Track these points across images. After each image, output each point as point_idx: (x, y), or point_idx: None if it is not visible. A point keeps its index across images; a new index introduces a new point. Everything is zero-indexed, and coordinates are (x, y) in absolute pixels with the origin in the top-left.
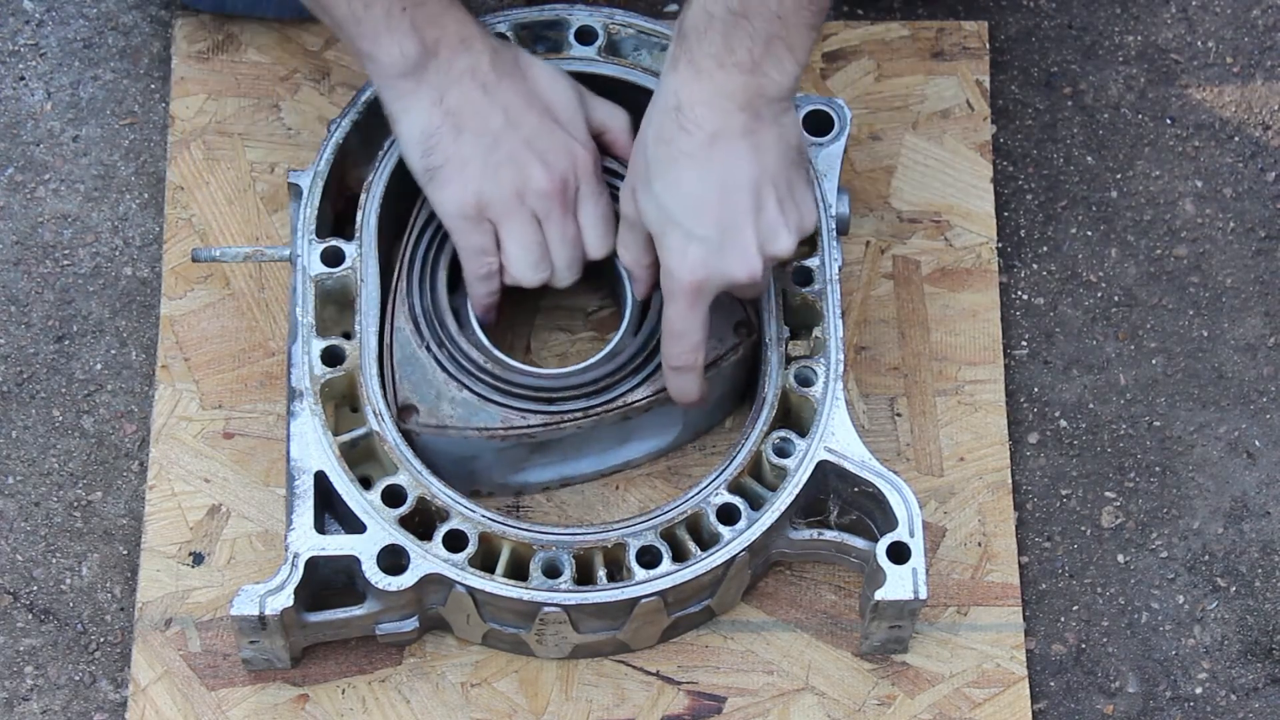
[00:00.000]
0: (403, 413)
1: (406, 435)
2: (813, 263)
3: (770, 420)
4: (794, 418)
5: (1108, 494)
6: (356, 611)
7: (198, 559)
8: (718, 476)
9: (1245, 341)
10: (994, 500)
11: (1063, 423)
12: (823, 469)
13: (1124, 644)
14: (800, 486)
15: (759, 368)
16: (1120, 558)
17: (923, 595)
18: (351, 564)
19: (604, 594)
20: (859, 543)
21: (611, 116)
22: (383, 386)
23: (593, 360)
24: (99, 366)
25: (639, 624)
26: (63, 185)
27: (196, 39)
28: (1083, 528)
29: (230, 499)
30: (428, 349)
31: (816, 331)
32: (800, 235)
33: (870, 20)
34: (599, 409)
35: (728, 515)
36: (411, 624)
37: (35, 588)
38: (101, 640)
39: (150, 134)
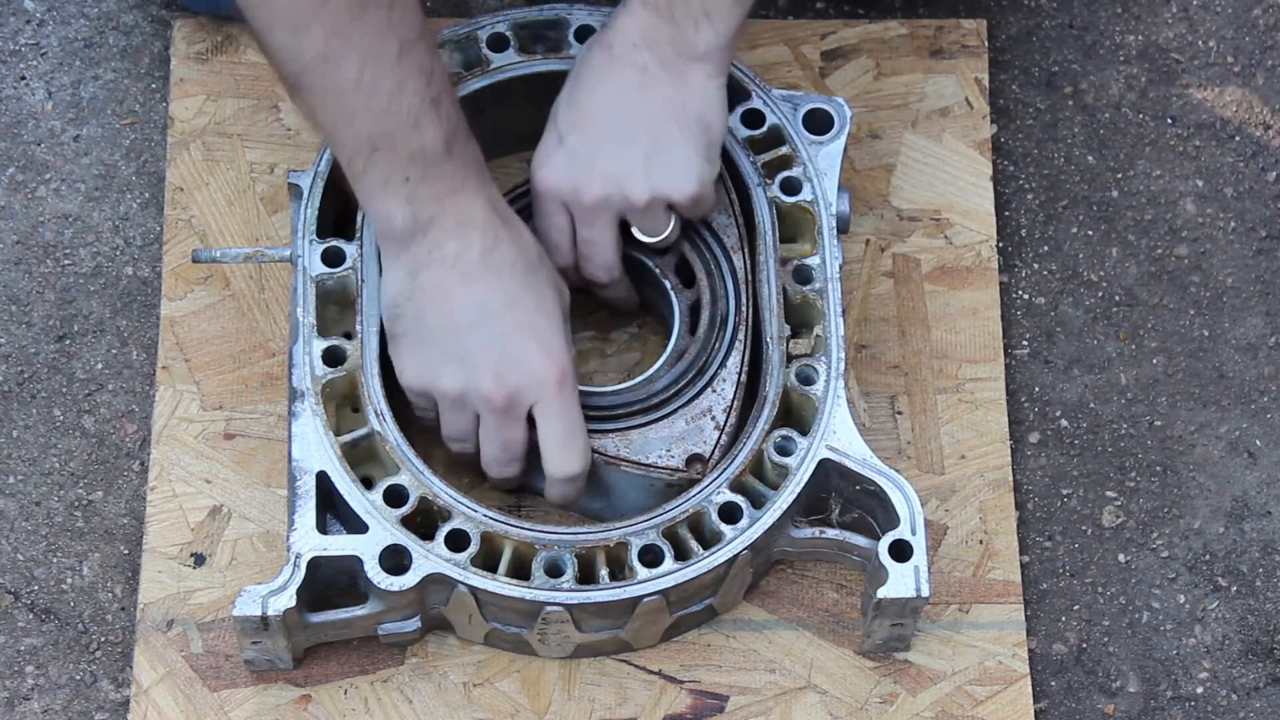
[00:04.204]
0: None
1: None
2: (813, 261)
3: (771, 419)
4: (795, 416)
5: (1108, 493)
6: (359, 612)
7: (199, 560)
8: (719, 475)
9: (1246, 341)
10: (995, 498)
11: (1064, 422)
12: (824, 467)
13: (1125, 643)
14: (802, 485)
15: (760, 369)
16: (1121, 557)
17: (925, 593)
18: (354, 564)
19: (606, 593)
20: (861, 541)
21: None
22: None
23: (602, 387)
24: (100, 366)
25: (641, 623)
26: (63, 185)
27: (195, 40)
28: (1083, 527)
29: (231, 500)
30: None
31: (817, 330)
32: (654, 194)
33: (869, 19)
34: None
35: (729, 514)
36: (414, 624)
37: (36, 587)
38: (102, 640)
39: (151, 134)
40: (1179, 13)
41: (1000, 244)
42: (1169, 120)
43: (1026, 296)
